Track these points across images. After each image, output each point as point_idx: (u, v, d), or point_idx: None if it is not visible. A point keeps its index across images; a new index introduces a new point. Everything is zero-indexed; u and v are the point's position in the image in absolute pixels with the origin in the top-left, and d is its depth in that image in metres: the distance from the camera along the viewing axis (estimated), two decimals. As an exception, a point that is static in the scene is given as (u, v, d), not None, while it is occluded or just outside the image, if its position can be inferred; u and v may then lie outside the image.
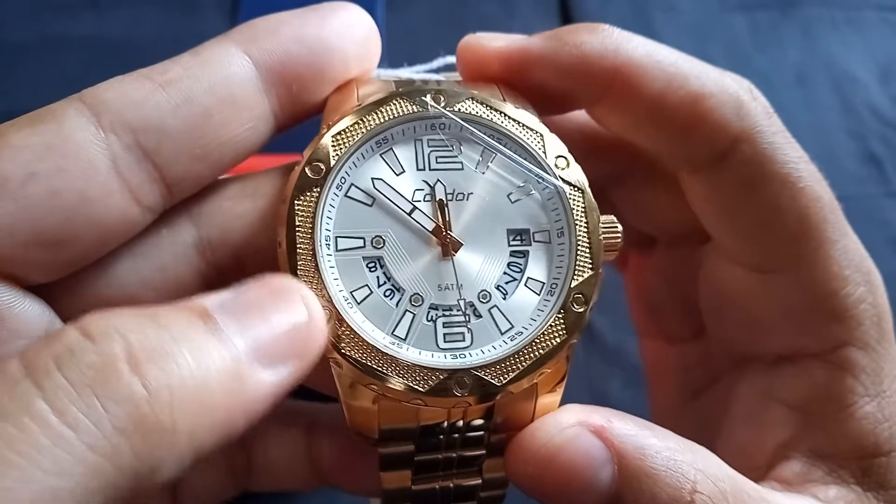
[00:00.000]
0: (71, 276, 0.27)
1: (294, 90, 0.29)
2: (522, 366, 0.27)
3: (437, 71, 0.34)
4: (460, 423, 0.29)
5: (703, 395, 0.39)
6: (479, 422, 0.29)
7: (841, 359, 0.31)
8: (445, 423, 0.29)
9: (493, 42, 0.31)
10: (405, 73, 0.34)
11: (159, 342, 0.21)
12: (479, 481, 0.31)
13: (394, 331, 0.28)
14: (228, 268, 0.29)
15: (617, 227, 0.30)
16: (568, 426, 0.27)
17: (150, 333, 0.21)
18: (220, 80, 0.27)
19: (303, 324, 0.25)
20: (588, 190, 0.30)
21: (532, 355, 0.27)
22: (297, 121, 0.31)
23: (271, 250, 0.28)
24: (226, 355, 0.22)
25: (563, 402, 0.30)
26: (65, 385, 0.19)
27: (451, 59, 0.33)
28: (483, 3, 0.80)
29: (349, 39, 0.29)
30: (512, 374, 0.27)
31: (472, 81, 0.32)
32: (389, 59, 0.33)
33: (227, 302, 0.24)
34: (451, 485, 0.31)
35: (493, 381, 0.27)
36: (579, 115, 0.35)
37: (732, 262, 0.34)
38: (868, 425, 0.30)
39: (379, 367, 0.26)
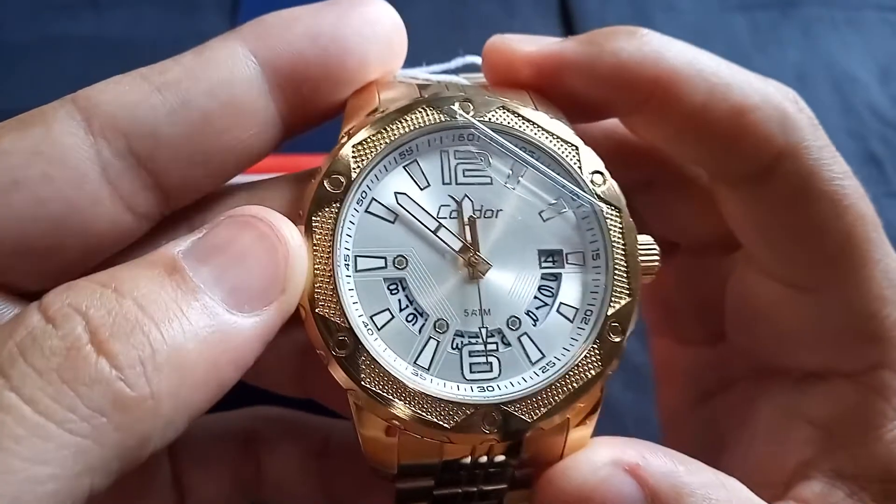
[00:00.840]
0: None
1: (305, 93, 0.27)
2: (555, 401, 0.26)
3: (456, 71, 0.32)
4: (484, 458, 0.27)
5: (715, 399, 0.38)
6: (504, 457, 0.27)
7: (874, 381, 0.30)
8: (469, 459, 0.27)
9: (523, 45, 0.29)
10: (423, 73, 0.32)
11: (122, 314, 0.20)
12: None
13: (416, 360, 0.26)
14: None
15: (655, 248, 0.28)
16: (601, 465, 0.26)
17: (111, 306, 0.20)
18: (222, 83, 0.25)
19: (281, 257, 0.23)
20: (626, 209, 0.28)
21: (565, 389, 0.26)
22: (310, 125, 0.29)
23: None
24: (200, 309, 0.21)
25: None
26: (31, 374, 0.19)
27: (472, 59, 0.31)
28: (483, 3, 0.80)
29: (370, 38, 0.27)
30: (543, 410, 0.26)
31: (499, 86, 0.30)
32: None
33: (196, 246, 0.22)
34: None
35: (523, 417, 0.25)
36: (607, 121, 0.33)
37: (766, 275, 0.33)
38: (895, 450, 0.29)
39: (401, 400, 0.25)
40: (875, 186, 0.71)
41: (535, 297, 0.27)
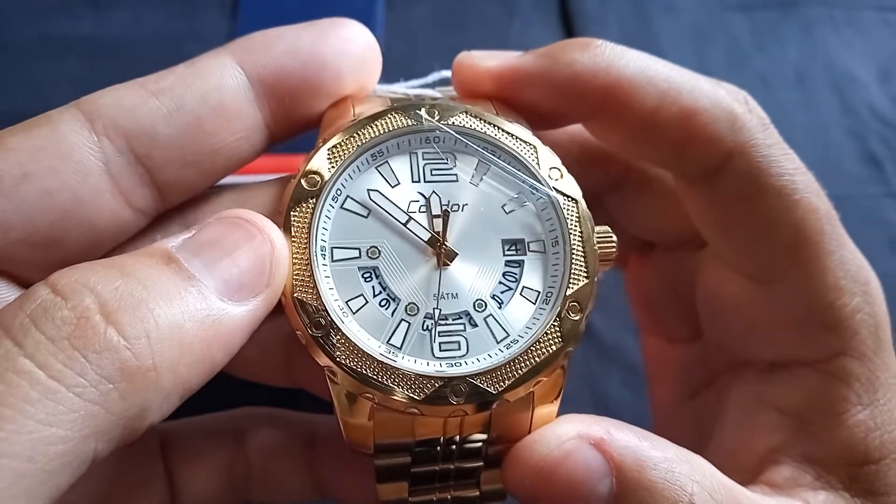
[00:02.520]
0: None
1: (287, 103, 0.30)
2: (518, 373, 0.27)
3: (432, 85, 0.34)
4: (457, 437, 0.29)
5: (701, 395, 0.39)
6: (476, 436, 0.29)
7: (836, 368, 0.31)
8: (442, 438, 0.29)
9: (485, 61, 0.32)
10: (401, 88, 0.34)
11: (128, 291, 0.22)
12: (477, 493, 0.32)
13: (389, 339, 0.28)
14: None
15: (611, 237, 0.30)
16: (567, 439, 0.27)
17: (117, 284, 0.22)
18: (212, 90, 0.28)
19: (266, 254, 0.25)
20: (582, 200, 0.30)
21: (528, 363, 0.28)
22: (292, 133, 0.31)
23: None
24: (194, 293, 0.23)
25: (564, 401, 0.30)
26: (44, 341, 0.20)
27: (447, 73, 0.34)
28: (483, 3, 0.80)
29: (345, 56, 0.30)
30: (508, 382, 0.27)
31: (467, 98, 0.32)
32: (389, 58, 0.33)
33: (189, 242, 0.24)
34: (449, 497, 0.32)
35: (488, 389, 0.27)
36: (572, 126, 0.35)
37: (729, 269, 0.34)
38: (859, 433, 0.30)
39: (375, 375, 0.27)
40: (875, 186, 0.71)
41: (500, 283, 0.29)
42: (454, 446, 0.29)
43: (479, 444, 0.29)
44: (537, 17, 0.80)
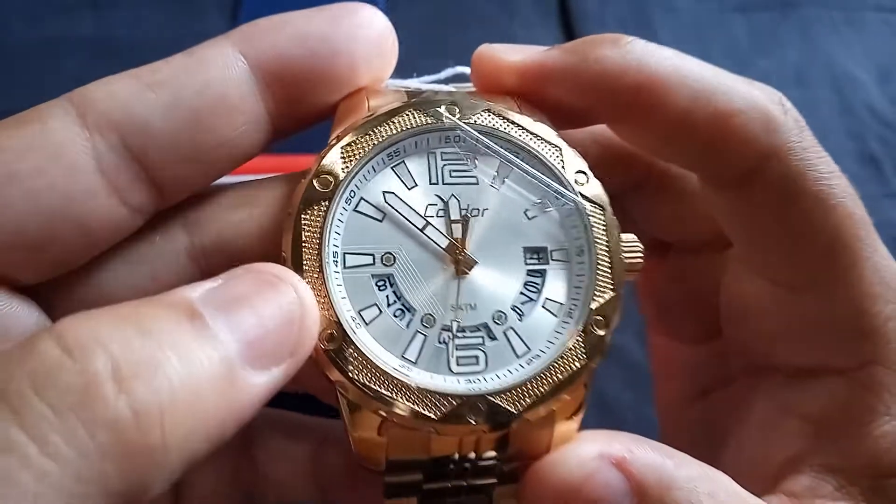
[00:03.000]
0: (63, 282, 0.27)
1: (293, 95, 0.28)
2: (541, 392, 0.26)
3: (446, 81, 0.33)
4: (472, 454, 0.27)
5: (713, 395, 0.38)
6: (492, 453, 0.27)
7: (865, 377, 0.30)
8: (457, 456, 0.27)
9: (509, 55, 0.30)
10: (414, 83, 0.32)
11: (145, 352, 0.19)
12: None
13: (404, 353, 0.26)
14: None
15: (638, 246, 0.28)
16: (589, 459, 0.26)
17: (134, 343, 0.19)
18: (211, 81, 0.26)
19: (296, 318, 0.23)
20: (609, 207, 0.28)
21: (550, 380, 0.26)
22: (299, 127, 0.29)
23: (267, 259, 0.27)
24: (216, 360, 0.21)
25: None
26: (45, 411, 0.18)
27: (461, 70, 0.32)
28: (483, 4, 0.80)
29: (359, 41, 0.28)
30: (529, 401, 0.26)
31: (486, 93, 0.31)
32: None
33: (214, 294, 0.22)
34: None
35: (508, 408, 0.26)
36: (594, 126, 0.33)
37: (757, 273, 0.33)
38: (885, 444, 0.29)
39: (388, 392, 0.25)
40: (874, 187, 0.71)
41: (521, 293, 0.28)
42: (468, 465, 0.28)
43: (495, 461, 0.28)
44: (537, 16, 0.80)
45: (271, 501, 0.36)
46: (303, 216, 0.26)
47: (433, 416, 0.25)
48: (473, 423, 0.25)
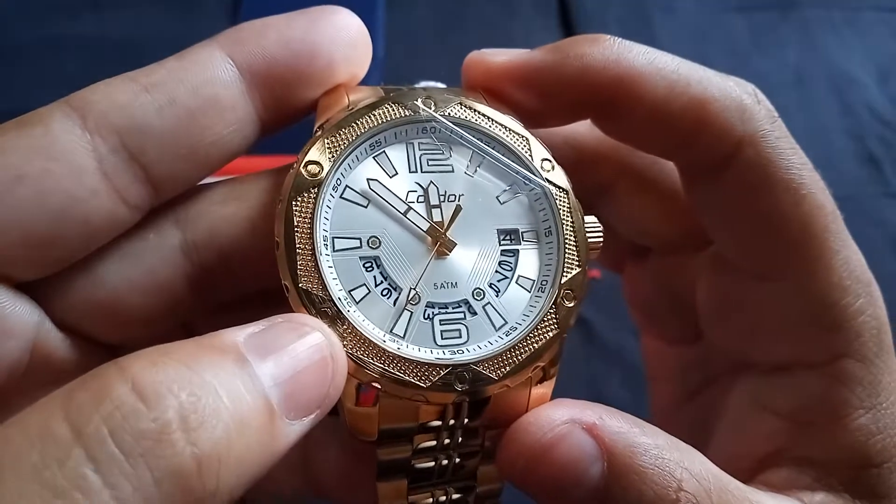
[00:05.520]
0: (62, 279, 0.28)
1: (278, 93, 0.29)
2: (519, 359, 0.28)
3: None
4: (458, 420, 0.29)
5: (700, 396, 0.39)
6: (472, 419, 0.29)
7: (838, 371, 0.31)
8: (444, 422, 0.29)
9: (496, 57, 0.32)
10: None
11: (210, 403, 0.20)
12: (475, 493, 0.32)
13: (392, 328, 0.28)
14: (215, 268, 0.30)
15: (598, 226, 0.31)
16: (560, 423, 0.27)
17: (198, 391, 0.20)
18: (203, 83, 0.28)
19: (329, 375, 0.25)
20: (571, 191, 0.31)
21: (527, 349, 0.28)
22: (284, 123, 0.31)
23: (258, 251, 0.29)
24: (266, 413, 0.22)
25: (563, 398, 0.30)
26: (118, 456, 0.18)
27: (432, 84, 0.34)
28: (483, 4, 0.80)
29: (336, 43, 0.30)
30: (509, 368, 0.28)
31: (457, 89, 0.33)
32: (390, 59, 0.33)
33: (257, 340, 0.23)
34: (446, 498, 0.32)
35: (490, 375, 0.28)
36: (565, 127, 0.35)
37: (732, 269, 0.34)
38: (861, 437, 0.30)
39: (381, 364, 0.27)
40: (873, 186, 0.71)
41: (497, 272, 0.30)
42: (456, 429, 0.30)
43: (478, 429, 0.30)
44: (537, 17, 0.80)
45: (262, 497, 0.37)
46: (293, 203, 0.28)
47: (423, 385, 0.27)
48: (459, 389, 0.27)
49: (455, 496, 0.32)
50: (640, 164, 0.36)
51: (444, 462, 0.31)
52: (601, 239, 0.30)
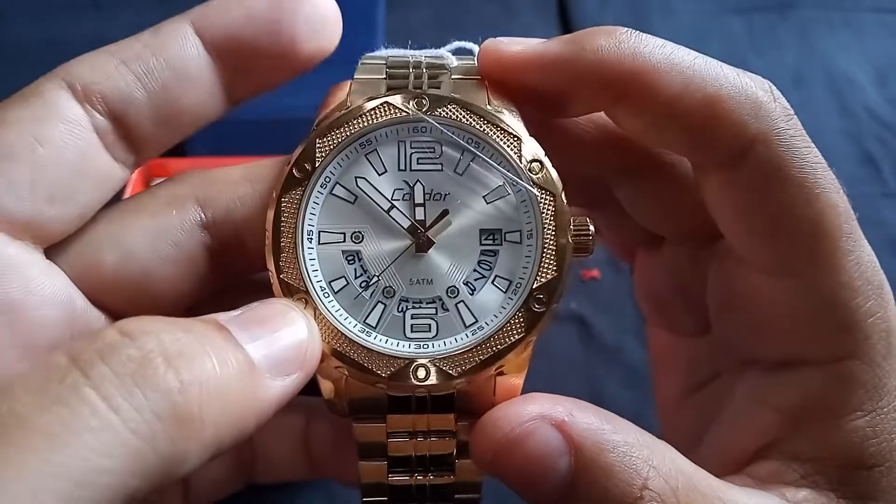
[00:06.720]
0: (94, 257, 0.31)
1: (243, 68, 0.32)
2: (480, 359, 0.29)
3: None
4: (427, 396, 0.31)
5: (705, 388, 0.39)
6: (445, 395, 0.31)
7: (843, 371, 0.31)
8: (413, 397, 0.31)
9: (511, 46, 0.32)
10: (416, 53, 0.35)
11: (188, 343, 0.24)
12: (452, 480, 0.33)
13: (366, 319, 0.30)
14: (231, 243, 0.32)
15: (588, 228, 0.31)
16: (528, 419, 0.28)
17: (179, 335, 0.24)
18: (174, 57, 0.30)
19: (304, 340, 0.28)
20: (561, 194, 0.31)
21: (490, 349, 0.30)
22: (250, 94, 0.33)
23: (264, 232, 0.31)
24: (242, 361, 0.25)
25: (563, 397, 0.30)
26: (109, 374, 0.21)
27: (464, 44, 0.34)
28: (483, 4, 0.81)
29: (300, 20, 0.31)
30: (469, 366, 0.29)
31: (491, 83, 0.33)
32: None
33: (237, 318, 0.27)
34: (427, 482, 0.33)
35: (450, 372, 0.29)
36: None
37: (743, 263, 0.33)
38: (856, 439, 0.30)
39: (347, 352, 0.29)
40: (871, 187, 0.72)
41: (475, 270, 0.31)
42: (424, 402, 0.31)
43: (451, 396, 0.31)
44: (537, 18, 0.80)
45: (269, 479, 0.39)
46: (282, 199, 0.30)
47: (383, 374, 0.29)
48: (416, 383, 0.29)
49: (435, 482, 0.33)
50: (660, 150, 0.36)
51: (421, 453, 0.32)
52: (589, 240, 0.31)
